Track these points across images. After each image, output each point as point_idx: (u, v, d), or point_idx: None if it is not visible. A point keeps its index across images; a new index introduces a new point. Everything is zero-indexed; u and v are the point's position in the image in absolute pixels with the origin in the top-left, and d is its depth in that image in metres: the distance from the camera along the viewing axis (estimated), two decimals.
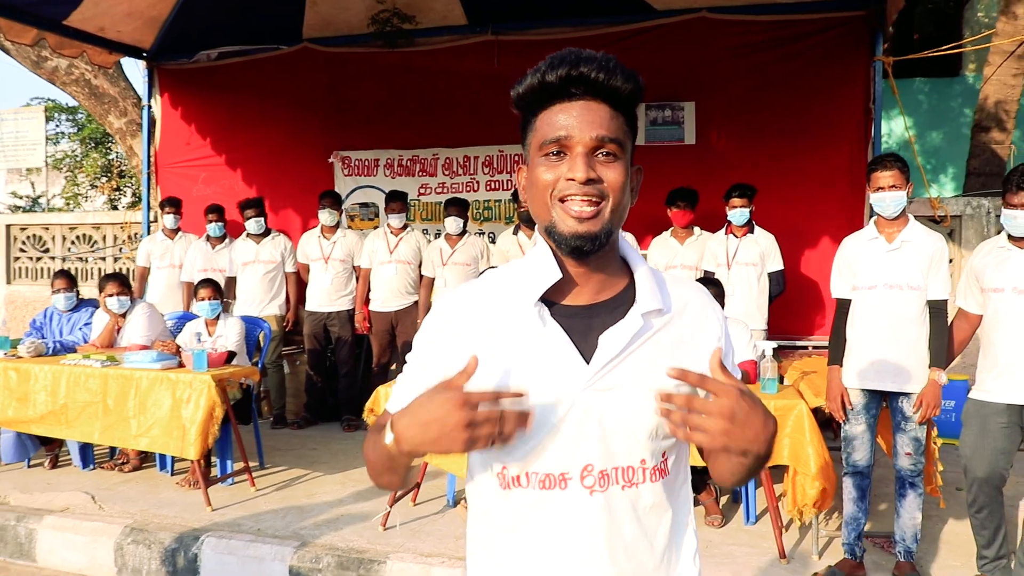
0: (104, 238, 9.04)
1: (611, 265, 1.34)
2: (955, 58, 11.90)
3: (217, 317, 5.56)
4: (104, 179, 16.37)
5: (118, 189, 16.22)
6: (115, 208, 14.20)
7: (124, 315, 5.59)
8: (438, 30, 7.46)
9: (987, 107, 7.71)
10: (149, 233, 8.01)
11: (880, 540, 4.15)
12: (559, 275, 1.30)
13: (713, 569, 3.90)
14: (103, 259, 9.00)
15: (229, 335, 5.48)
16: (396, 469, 1.31)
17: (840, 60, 6.67)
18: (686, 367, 1.22)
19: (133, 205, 15.59)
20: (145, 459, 5.73)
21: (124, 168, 16.45)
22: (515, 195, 6.56)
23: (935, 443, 3.85)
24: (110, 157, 16.56)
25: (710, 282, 4.65)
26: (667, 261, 6.33)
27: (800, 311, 6.64)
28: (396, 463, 1.29)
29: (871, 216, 6.71)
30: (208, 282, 5.58)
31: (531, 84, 1.27)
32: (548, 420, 1.27)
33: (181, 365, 5.12)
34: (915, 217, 6.85)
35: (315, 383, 7.15)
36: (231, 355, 5.31)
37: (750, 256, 5.90)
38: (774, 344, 4.24)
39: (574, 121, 1.25)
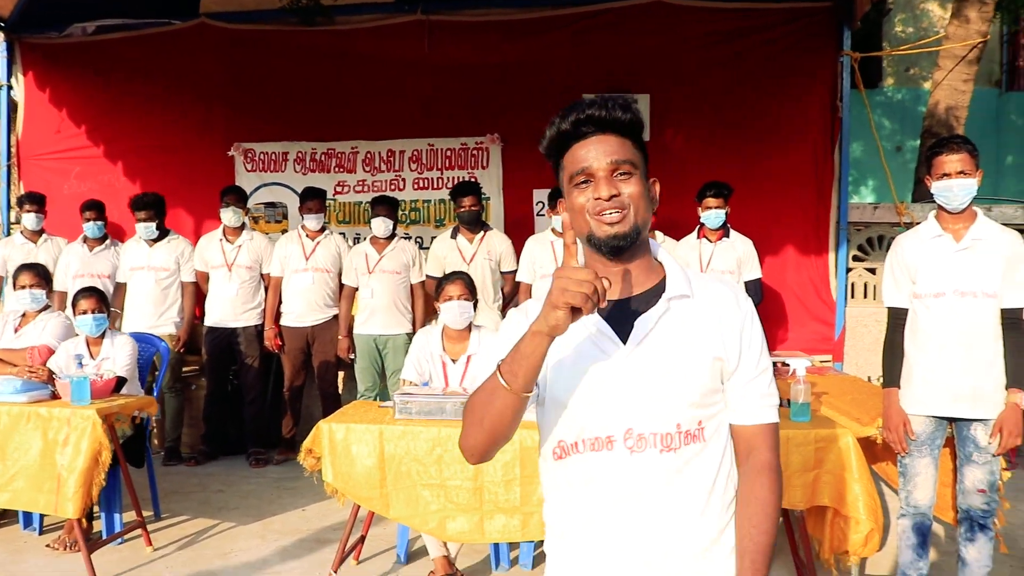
0: None
1: (644, 264, 1.58)
2: (875, 70, 11.85)
3: (102, 335, 4.48)
4: None
5: None
6: None
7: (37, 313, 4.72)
8: (360, 7, 6.62)
9: (937, 113, 7.42)
10: (8, 235, 6.75)
11: None
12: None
13: None
14: None
15: (117, 357, 4.41)
16: (506, 412, 1.47)
17: (805, 54, 6.24)
18: (707, 342, 1.52)
19: None
20: (3, 515, 4.58)
21: None
22: (452, 194, 5.75)
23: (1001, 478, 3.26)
24: None
25: None
26: None
27: (763, 325, 6.06)
28: (508, 404, 1.45)
29: (839, 224, 6.38)
30: (90, 291, 4.47)
31: (552, 135, 1.56)
32: (594, 391, 1.52)
33: (55, 396, 4.05)
34: (879, 223, 6.58)
35: (215, 411, 6.09)
36: (120, 382, 4.26)
37: (726, 263, 5.29)
38: (805, 362, 3.55)
39: (592, 153, 1.52)
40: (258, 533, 4.45)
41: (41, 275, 4.76)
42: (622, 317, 1.53)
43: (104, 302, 4.49)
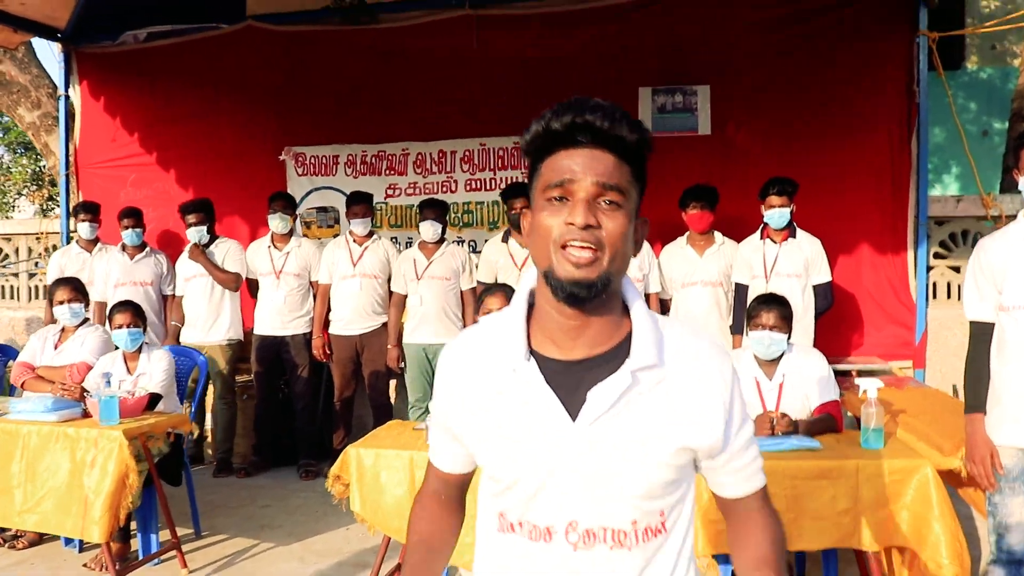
0: (17, 251, 7.76)
1: (610, 314, 1.27)
2: (957, 50, 11.14)
3: (139, 350, 4.38)
4: (34, 187, 15.04)
5: (51, 198, 14.90)
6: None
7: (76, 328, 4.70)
8: (406, 4, 6.43)
9: None
10: (69, 243, 6.76)
11: None
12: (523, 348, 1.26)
13: None
14: (16, 275, 7.72)
15: (153, 372, 4.30)
16: None
17: (877, 36, 5.76)
18: (677, 429, 1.24)
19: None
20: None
21: (56, 175, 15.12)
22: (504, 196, 5.53)
23: None
24: (41, 164, 15.25)
25: (775, 300, 3.61)
26: (684, 277, 5.31)
27: (836, 329, 5.65)
28: None
29: (918, 219, 5.91)
30: (126, 305, 4.37)
31: (537, 131, 1.23)
32: (536, 474, 1.25)
33: (86, 415, 3.96)
34: (962, 218, 6.08)
35: (267, 420, 5.99)
36: (154, 399, 4.15)
37: (793, 265, 4.91)
38: (878, 383, 3.18)
39: (578, 166, 1.21)
40: (298, 554, 4.30)
41: (78, 289, 4.70)
42: (575, 384, 1.24)
43: (140, 316, 4.39)
